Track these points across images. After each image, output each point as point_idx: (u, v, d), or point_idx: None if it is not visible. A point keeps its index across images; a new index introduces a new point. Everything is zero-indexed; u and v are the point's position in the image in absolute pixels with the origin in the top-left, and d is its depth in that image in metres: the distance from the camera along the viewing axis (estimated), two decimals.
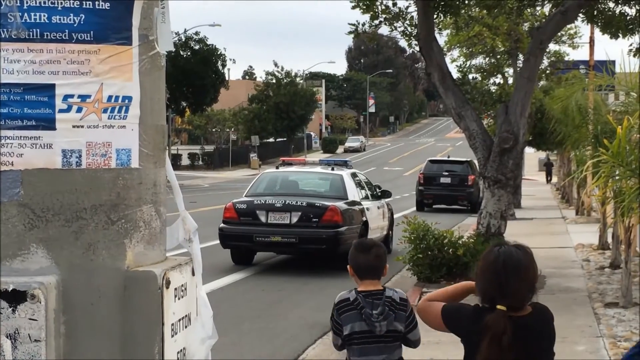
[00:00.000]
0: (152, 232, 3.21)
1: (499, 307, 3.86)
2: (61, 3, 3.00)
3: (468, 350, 4.02)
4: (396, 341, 5.11)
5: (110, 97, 3.07)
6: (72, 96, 3.02)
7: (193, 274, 3.35)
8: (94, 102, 3.04)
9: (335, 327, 5.14)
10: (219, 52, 68.16)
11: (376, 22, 18.04)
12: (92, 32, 3.03)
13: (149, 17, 3.17)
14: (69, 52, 3.01)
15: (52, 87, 3.01)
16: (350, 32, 19.18)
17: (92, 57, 3.04)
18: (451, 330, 4.14)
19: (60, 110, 3.02)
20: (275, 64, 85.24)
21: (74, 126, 3.03)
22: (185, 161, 76.45)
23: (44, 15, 3.00)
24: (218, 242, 17.41)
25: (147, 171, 3.19)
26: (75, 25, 3.01)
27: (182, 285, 3.24)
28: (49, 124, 3.01)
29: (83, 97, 3.03)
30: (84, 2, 3.02)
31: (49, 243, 3.01)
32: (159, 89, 3.29)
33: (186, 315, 3.28)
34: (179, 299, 3.19)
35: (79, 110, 3.03)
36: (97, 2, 3.04)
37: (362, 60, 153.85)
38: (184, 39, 66.46)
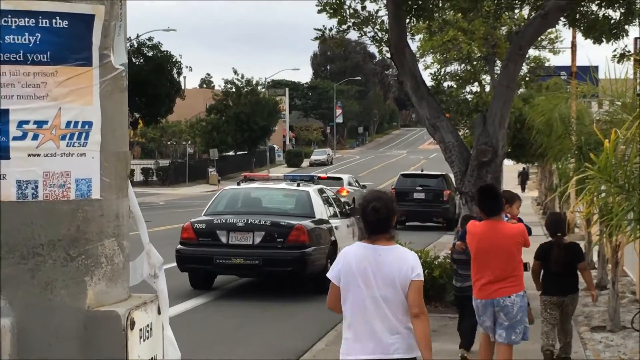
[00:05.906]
0: (115, 268, 3.19)
1: (559, 234, 10.76)
2: (15, 21, 2.97)
3: (544, 263, 10.85)
4: None
5: (68, 123, 3.04)
6: (27, 122, 2.99)
7: (159, 312, 3.33)
8: (51, 129, 3.02)
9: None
10: (174, 59, 67.78)
11: (344, 27, 18.05)
12: (49, 52, 3.01)
13: (110, 35, 3.15)
14: (24, 75, 2.98)
15: (5, 112, 2.98)
16: (316, 38, 19.17)
17: (49, 79, 3.01)
18: (541, 260, 10.90)
19: (15, 138, 2.99)
20: (235, 72, 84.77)
21: (29, 155, 3.01)
22: (138, 177, 75.92)
23: None
24: (175, 264, 17.31)
25: (109, 202, 3.17)
26: (30, 45, 2.99)
27: (148, 326, 3.22)
28: (2, 152, 2.98)
29: (39, 123, 3.01)
30: (40, 20, 2.99)
31: (3, 282, 2.97)
32: (122, 113, 3.27)
33: (152, 358, 3.25)
34: (144, 340, 3.17)
35: (35, 137, 3.01)
36: (54, 20, 3.01)
37: (328, 67, 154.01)
38: (136, 45, 66.00)
